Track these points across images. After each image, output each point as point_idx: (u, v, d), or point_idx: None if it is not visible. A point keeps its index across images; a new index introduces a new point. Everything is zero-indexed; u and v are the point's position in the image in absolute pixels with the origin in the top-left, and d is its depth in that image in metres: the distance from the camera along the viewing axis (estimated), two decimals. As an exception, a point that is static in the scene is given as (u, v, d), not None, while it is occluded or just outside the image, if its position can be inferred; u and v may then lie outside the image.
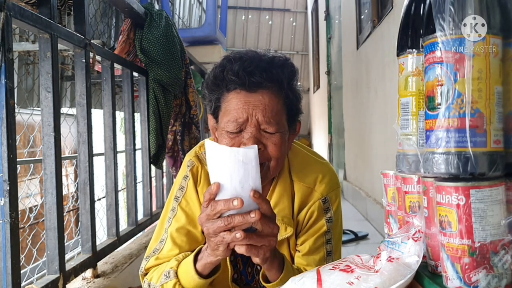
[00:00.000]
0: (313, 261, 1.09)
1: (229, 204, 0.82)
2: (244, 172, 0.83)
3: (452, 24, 0.70)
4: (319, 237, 1.11)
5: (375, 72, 3.64)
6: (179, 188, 1.15)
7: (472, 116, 0.70)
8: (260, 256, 0.87)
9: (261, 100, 1.00)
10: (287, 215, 1.10)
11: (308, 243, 1.10)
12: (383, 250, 0.84)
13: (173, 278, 1.01)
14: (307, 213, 1.12)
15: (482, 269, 0.69)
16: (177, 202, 1.14)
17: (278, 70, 1.03)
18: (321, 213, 1.12)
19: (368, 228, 3.62)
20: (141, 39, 2.33)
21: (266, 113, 1.00)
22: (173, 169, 2.90)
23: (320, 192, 1.12)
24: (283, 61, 1.06)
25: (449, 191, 0.70)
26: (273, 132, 1.01)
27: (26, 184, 2.93)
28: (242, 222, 0.83)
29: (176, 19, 6.03)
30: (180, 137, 2.79)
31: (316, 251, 1.10)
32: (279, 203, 1.11)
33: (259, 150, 0.98)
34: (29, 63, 3.05)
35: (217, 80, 1.04)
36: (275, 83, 1.02)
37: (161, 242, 1.13)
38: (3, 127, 1.17)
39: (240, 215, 0.83)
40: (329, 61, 7.11)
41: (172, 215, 1.13)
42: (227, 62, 1.04)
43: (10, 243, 1.17)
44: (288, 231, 1.09)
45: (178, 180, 1.17)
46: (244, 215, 0.83)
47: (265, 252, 0.87)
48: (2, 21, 1.15)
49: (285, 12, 12.18)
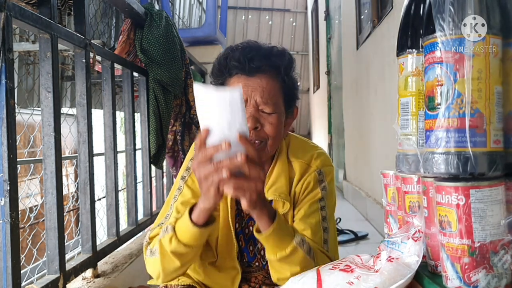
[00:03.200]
0: (309, 224, 1.14)
1: (218, 147, 0.89)
2: (231, 115, 0.87)
3: (452, 24, 0.70)
4: (314, 202, 1.16)
5: (375, 72, 3.64)
6: (186, 169, 1.22)
7: (472, 116, 0.70)
8: (247, 198, 0.91)
9: (260, 83, 1.11)
10: (284, 192, 1.17)
11: (304, 208, 1.16)
12: (383, 250, 0.84)
13: (171, 232, 1.04)
14: (303, 184, 1.18)
15: (482, 269, 0.69)
16: (184, 181, 1.20)
17: (276, 58, 1.14)
18: (316, 182, 1.18)
19: (368, 228, 3.61)
20: (141, 39, 2.33)
21: (264, 95, 1.10)
22: (173, 169, 2.90)
23: (316, 166, 1.20)
24: (281, 51, 1.17)
25: (449, 191, 0.70)
26: (270, 112, 1.11)
27: (26, 184, 2.93)
28: (230, 164, 0.88)
29: (176, 19, 6.04)
30: (180, 137, 2.79)
31: (311, 215, 1.15)
32: (277, 182, 1.17)
33: (256, 129, 1.09)
34: (29, 63, 3.05)
35: (221, 66, 1.15)
36: (273, 69, 1.12)
37: (167, 217, 1.17)
38: (4, 127, 1.17)
39: (227, 159, 0.89)
40: (329, 61, 7.11)
41: (178, 193, 1.18)
42: (230, 50, 1.15)
43: (10, 243, 1.17)
44: (286, 207, 1.16)
45: (185, 163, 1.24)
46: (231, 158, 0.88)
47: (251, 194, 0.91)
48: (2, 21, 1.15)
49: (285, 12, 12.17)
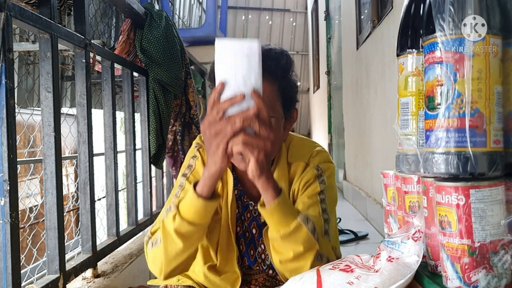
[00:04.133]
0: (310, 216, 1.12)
1: (232, 101, 0.88)
2: (247, 67, 0.87)
3: (452, 24, 0.70)
4: (313, 195, 1.15)
5: (375, 72, 3.64)
6: (187, 166, 1.21)
7: (472, 116, 0.70)
8: (255, 156, 0.90)
9: None
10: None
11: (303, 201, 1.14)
12: (383, 250, 0.84)
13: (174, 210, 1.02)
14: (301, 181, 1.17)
15: (482, 269, 0.69)
16: (185, 178, 1.19)
17: (273, 61, 1.11)
18: (315, 178, 1.17)
19: (368, 228, 3.61)
20: (141, 39, 2.33)
21: None
22: (173, 169, 2.90)
23: (314, 163, 1.19)
24: (279, 52, 1.14)
25: (449, 191, 0.70)
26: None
27: (26, 184, 2.93)
28: (241, 116, 0.88)
29: (176, 19, 6.04)
30: (180, 137, 2.79)
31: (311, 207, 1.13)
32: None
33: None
34: (29, 63, 3.05)
35: None
36: (269, 72, 1.09)
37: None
38: (3, 127, 1.17)
39: (239, 114, 0.88)
40: (329, 61, 7.10)
41: (180, 190, 1.18)
42: None
43: (10, 243, 1.17)
44: None
45: (186, 161, 1.23)
46: (244, 112, 0.88)
47: (259, 153, 0.90)
48: (2, 21, 1.15)
49: (285, 12, 12.17)
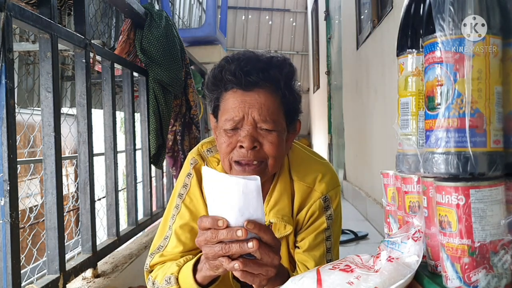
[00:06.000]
0: (313, 257, 1.10)
1: (233, 234, 0.81)
2: (244, 202, 0.81)
3: (452, 24, 0.70)
4: (319, 233, 1.12)
5: (375, 72, 3.64)
6: (182, 185, 1.16)
7: (471, 116, 0.70)
8: (255, 284, 0.86)
9: (257, 99, 1.01)
10: (287, 213, 1.11)
11: (308, 240, 1.11)
12: (383, 250, 0.84)
13: (174, 284, 1.02)
14: (307, 212, 1.13)
15: (482, 269, 0.69)
16: (181, 199, 1.15)
17: (275, 70, 1.04)
18: (322, 211, 1.13)
19: (368, 228, 3.62)
20: (141, 39, 2.33)
21: (262, 112, 1.01)
22: (173, 169, 2.90)
23: (320, 191, 1.13)
24: (281, 61, 1.07)
25: (449, 191, 0.70)
26: (270, 130, 1.02)
27: (26, 184, 2.93)
28: (240, 251, 0.82)
29: (176, 19, 6.03)
30: (180, 137, 2.79)
31: (316, 247, 1.11)
32: (279, 202, 1.12)
33: (255, 149, 1.00)
34: (29, 63, 3.04)
35: (216, 80, 1.06)
36: (271, 83, 1.03)
37: (166, 239, 1.14)
38: (4, 127, 1.17)
39: (238, 244, 0.82)
40: (329, 61, 7.10)
41: (176, 212, 1.15)
42: (225, 62, 1.06)
43: (10, 243, 1.17)
44: (288, 229, 1.11)
45: (181, 178, 1.18)
46: (242, 244, 0.81)
47: (261, 280, 0.85)
48: (2, 21, 1.15)
49: (285, 12, 12.16)
